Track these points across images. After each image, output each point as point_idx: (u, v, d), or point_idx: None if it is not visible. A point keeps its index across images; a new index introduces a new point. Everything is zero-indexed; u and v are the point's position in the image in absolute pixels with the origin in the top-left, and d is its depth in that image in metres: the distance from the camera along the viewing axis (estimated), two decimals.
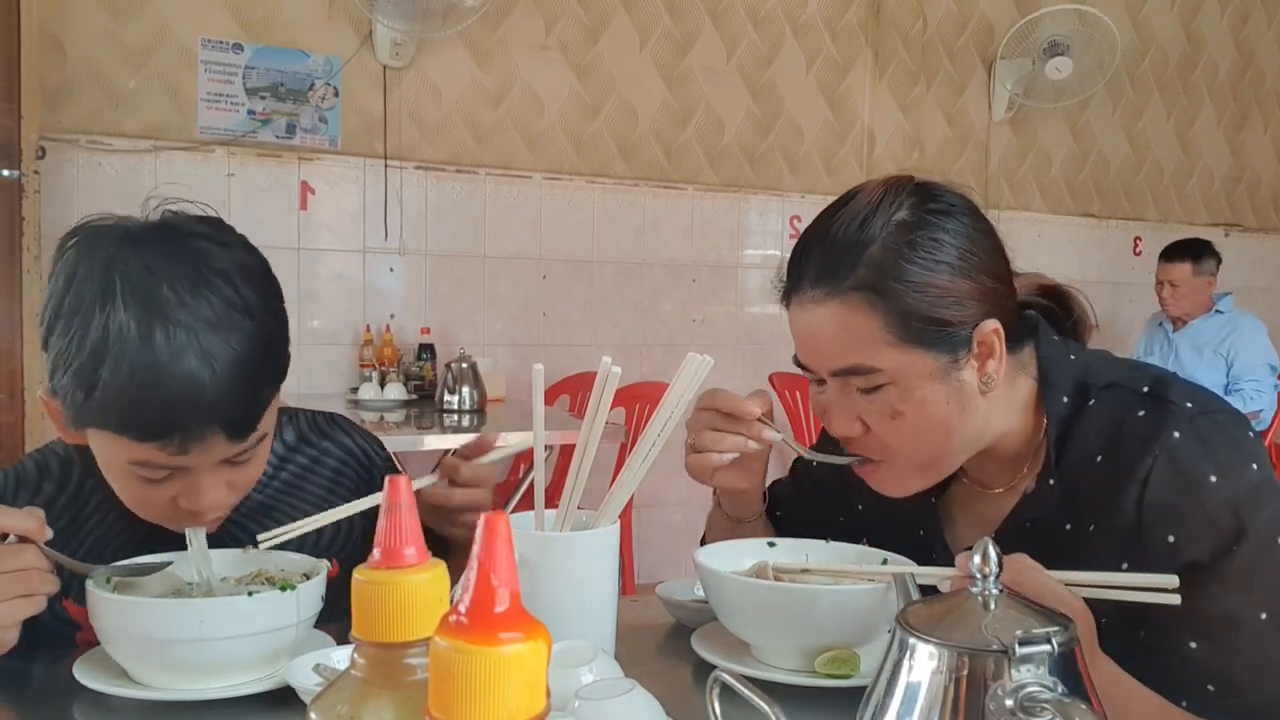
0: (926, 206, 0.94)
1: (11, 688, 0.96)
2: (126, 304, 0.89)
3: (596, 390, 0.95)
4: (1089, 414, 0.95)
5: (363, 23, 3.61)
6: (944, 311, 0.91)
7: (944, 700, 0.54)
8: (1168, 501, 0.88)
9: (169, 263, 0.92)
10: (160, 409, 0.89)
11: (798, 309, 0.97)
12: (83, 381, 0.89)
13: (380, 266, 3.73)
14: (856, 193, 0.97)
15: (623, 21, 4.04)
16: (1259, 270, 5.49)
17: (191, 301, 0.90)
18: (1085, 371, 0.98)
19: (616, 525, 0.96)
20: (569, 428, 2.77)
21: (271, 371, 0.97)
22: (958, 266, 0.92)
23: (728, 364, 4.20)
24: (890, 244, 0.91)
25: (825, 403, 0.99)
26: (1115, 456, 0.92)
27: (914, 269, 0.91)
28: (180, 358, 0.89)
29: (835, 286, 0.92)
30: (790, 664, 0.95)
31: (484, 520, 0.41)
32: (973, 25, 4.67)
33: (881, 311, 0.91)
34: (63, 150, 3.24)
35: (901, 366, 0.92)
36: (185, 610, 0.87)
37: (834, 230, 0.94)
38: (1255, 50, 5.43)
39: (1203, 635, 0.87)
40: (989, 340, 0.93)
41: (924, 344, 0.91)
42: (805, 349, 0.98)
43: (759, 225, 4.36)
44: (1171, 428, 0.90)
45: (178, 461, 0.93)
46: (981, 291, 0.93)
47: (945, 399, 0.93)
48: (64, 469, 1.08)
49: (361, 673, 0.47)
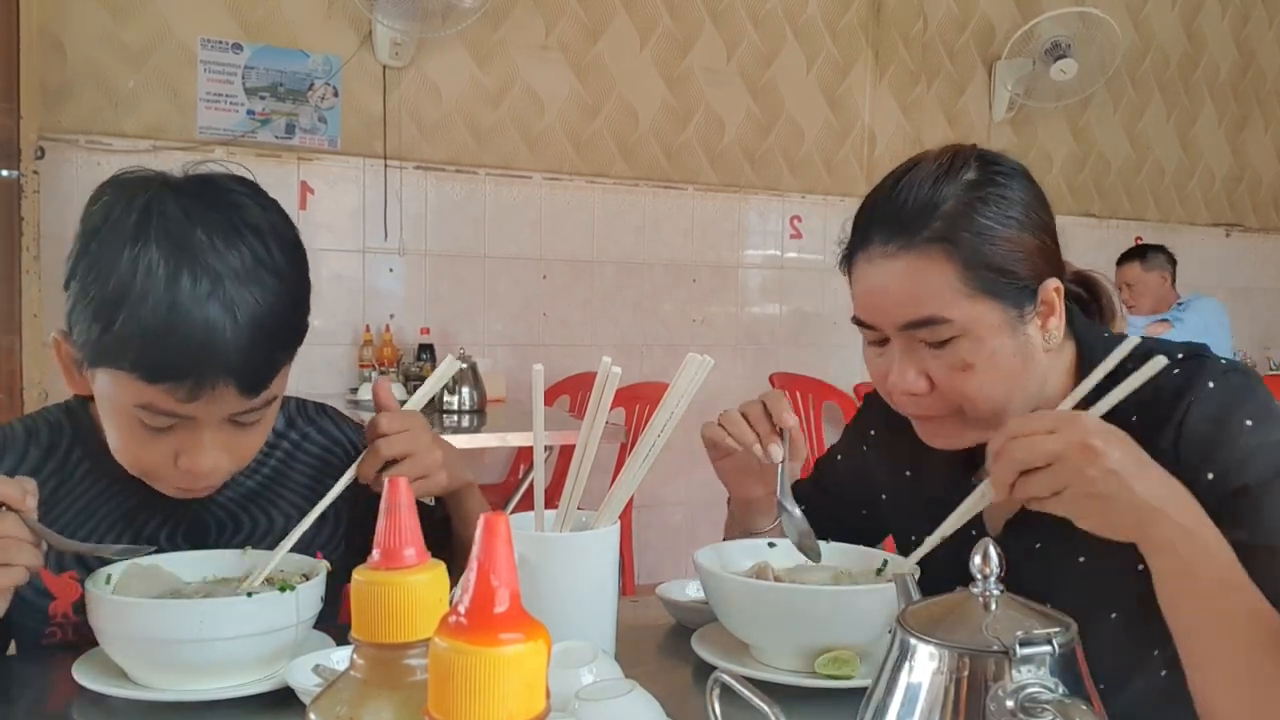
0: (991, 169, 0.97)
1: (11, 688, 0.96)
2: (159, 242, 0.89)
3: (596, 390, 0.95)
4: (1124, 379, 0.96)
5: (362, 22, 3.61)
6: (1014, 264, 0.94)
7: (944, 701, 0.54)
8: (1205, 438, 0.90)
9: (206, 210, 0.92)
10: (177, 350, 0.88)
11: (866, 265, 0.98)
12: (103, 316, 0.89)
13: (380, 266, 3.73)
14: (921, 158, 0.99)
15: (623, 21, 4.04)
16: (1260, 270, 5.49)
17: (224, 250, 0.90)
18: (1119, 344, 1.00)
19: (616, 526, 0.96)
20: (569, 428, 2.77)
21: (290, 334, 0.97)
22: (1024, 222, 0.96)
23: (728, 364, 4.20)
24: (963, 199, 0.94)
25: (884, 365, 0.99)
26: (1149, 410, 0.93)
27: (986, 221, 0.94)
28: (204, 303, 0.88)
29: (910, 240, 0.94)
30: (790, 665, 0.95)
31: (484, 520, 0.41)
32: (973, 25, 4.67)
33: (957, 262, 0.93)
34: (62, 150, 3.24)
35: (973, 318, 0.93)
36: (185, 611, 0.87)
37: (904, 190, 0.96)
38: (1256, 50, 5.43)
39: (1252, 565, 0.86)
40: (1051, 298, 0.97)
41: (995, 295, 0.94)
42: (872, 306, 0.98)
43: (759, 225, 4.36)
44: (1206, 379, 0.92)
45: (185, 409, 0.91)
46: (1044, 250, 0.97)
47: (1012, 352, 0.95)
48: (53, 436, 1.06)
49: (361, 673, 0.47)
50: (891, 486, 1.18)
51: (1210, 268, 5.29)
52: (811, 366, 4.36)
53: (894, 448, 1.17)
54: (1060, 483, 0.81)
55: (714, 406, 1.11)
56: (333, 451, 1.18)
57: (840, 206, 4.49)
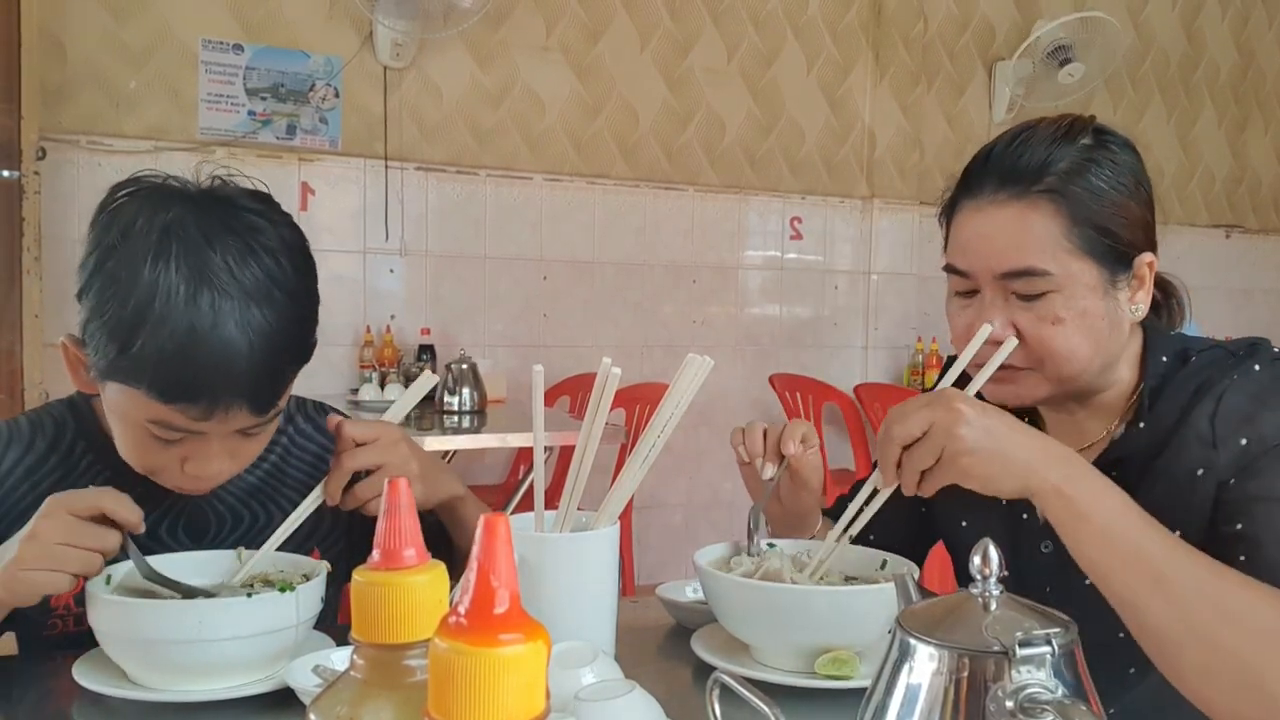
0: (1106, 138, 1.00)
1: (11, 689, 0.96)
2: (178, 267, 0.90)
3: (596, 391, 0.95)
4: (1187, 372, 0.99)
5: (363, 23, 3.61)
6: (1117, 228, 0.97)
7: (944, 702, 0.54)
8: (1242, 411, 0.93)
9: (223, 232, 0.94)
10: (194, 374, 0.90)
11: (973, 212, 1.00)
12: (120, 335, 0.90)
13: (380, 267, 3.73)
14: (1039, 122, 1.01)
15: (623, 22, 4.04)
16: (1260, 271, 5.49)
17: (239, 272, 0.92)
18: (1187, 340, 1.04)
19: (616, 526, 0.96)
20: (569, 429, 2.77)
21: (300, 350, 0.99)
22: (1133, 191, 0.98)
23: (728, 365, 4.20)
24: (1077, 159, 0.97)
25: (970, 316, 1.01)
26: (1199, 393, 0.96)
27: (1099, 183, 0.96)
28: (221, 327, 0.90)
29: (1023, 190, 0.96)
30: (790, 665, 0.95)
31: (484, 521, 0.41)
32: (973, 26, 4.67)
33: (1064, 217, 0.95)
34: (63, 151, 3.24)
35: (1071, 274, 0.95)
36: (185, 611, 0.87)
37: (1021, 145, 0.98)
38: (1256, 51, 5.43)
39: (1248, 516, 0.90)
40: (1143, 272, 0.99)
41: (1094, 255, 0.96)
42: (973, 251, 1.00)
43: (759, 226, 4.36)
44: (1254, 362, 0.97)
45: (197, 427, 0.94)
46: (1145, 223, 1.00)
47: (1101, 314, 0.97)
48: (58, 429, 1.09)
49: (361, 674, 0.47)
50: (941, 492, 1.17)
51: (1210, 269, 5.29)
52: (811, 367, 4.36)
53: None
54: (937, 446, 0.87)
55: (714, 407, 1.12)
56: (329, 449, 1.17)
57: (841, 207, 4.50)
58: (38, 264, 2.99)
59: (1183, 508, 0.93)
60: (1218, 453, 0.92)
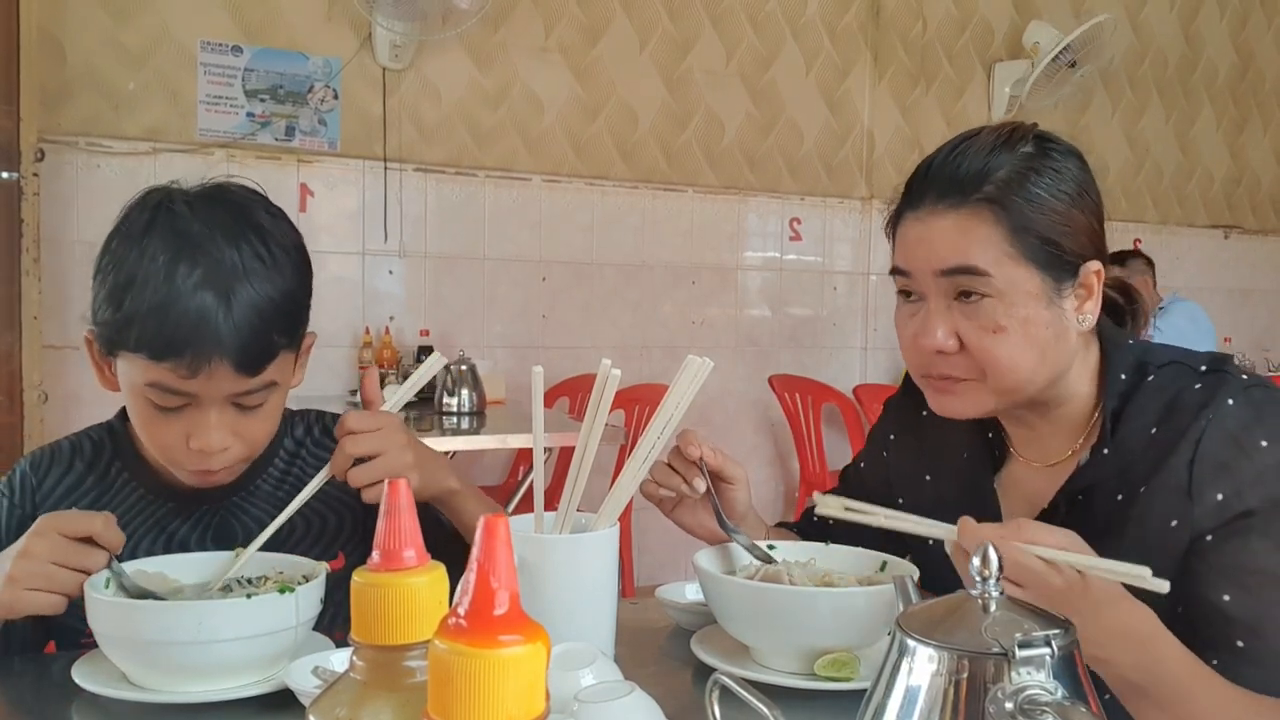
0: (1048, 146, 0.99)
1: (11, 691, 0.97)
2: (164, 235, 0.98)
3: (596, 392, 0.95)
4: (1147, 389, 0.98)
5: (362, 25, 3.61)
6: (1059, 237, 0.96)
7: (944, 703, 0.54)
8: (1219, 460, 0.91)
9: (210, 206, 1.02)
10: (174, 328, 0.96)
11: (914, 222, 1.00)
12: (114, 300, 0.98)
13: (380, 268, 3.73)
14: (980, 130, 1.01)
15: (622, 23, 4.04)
16: (1259, 272, 5.49)
17: (224, 243, 0.99)
18: (1145, 352, 1.02)
19: (616, 527, 0.96)
20: (568, 430, 2.77)
21: (285, 320, 1.03)
22: (1076, 199, 0.97)
23: (727, 366, 4.20)
24: (1017, 168, 0.96)
25: (916, 324, 1.00)
26: (1169, 424, 0.94)
27: (1038, 191, 0.96)
28: (201, 285, 0.96)
29: (962, 200, 0.96)
30: (790, 667, 0.95)
31: (483, 522, 0.41)
32: (972, 27, 4.68)
33: (1005, 224, 0.95)
34: (62, 152, 3.24)
35: (1012, 280, 0.95)
36: (184, 612, 0.87)
37: (960, 156, 0.98)
38: (1255, 52, 5.43)
39: (1239, 587, 0.89)
40: (1090, 281, 0.98)
41: (1036, 264, 0.95)
42: (915, 252, 0.99)
43: (759, 227, 4.36)
44: (1226, 395, 0.93)
45: (188, 385, 0.98)
46: (1091, 231, 0.99)
47: (1046, 324, 0.96)
48: (95, 451, 1.15)
49: (360, 675, 0.47)
50: (910, 488, 1.18)
51: (1209, 269, 5.30)
52: (811, 368, 4.36)
53: (913, 451, 1.18)
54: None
55: (714, 408, 1.12)
56: None
57: (840, 208, 4.50)
58: (36, 265, 2.99)
59: (1156, 555, 0.90)
60: (1193, 504, 0.91)
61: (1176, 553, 0.91)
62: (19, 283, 2.95)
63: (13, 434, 2.91)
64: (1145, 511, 0.94)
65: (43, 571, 0.91)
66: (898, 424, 1.23)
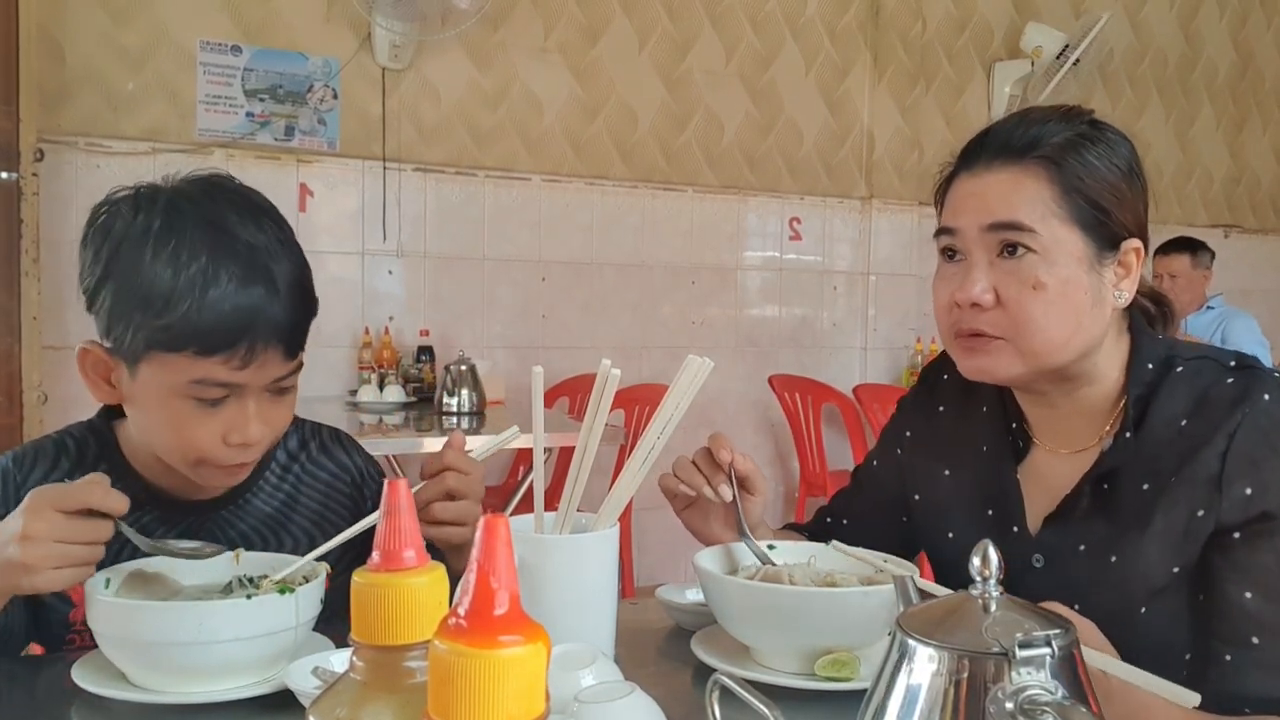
0: (1103, 127, 1.01)
1: (10, 691, 0.96)
2: (189, 231, 0.96)
3: (596, 392, 0.95)
4: (1175, 379, 0.99)
5: (361, 25, 3.61)
6: (1109, 205, 0.97)
7: (944, 703, 0.54)
8: (1251, 455, 0.91)
9: (216, 197, 1.01)
10: (234, 321, 0.95)
11: (968, 179, 1.01)
12: (156, 307, 0.95)
13: (379, 268, 3.73)
14: (1039, 107, 1.03)
15: (622, 24, 4.04)
16: (1258, 271, 5.49)
17: (253, 228, 0.99)
18: (1172, 347, 1.03)
19: (616, 528, 0.96)
20: (568, 430, 2.77)
21: (314, 300, 1.04)
22: (1126, 173, 0.99)
23: (727, 366, 4.20)
24: (1073, 135, 0.98)
25: (953, 282, 1.00)
26: (1202, 416, 0.95)
27: (1091, 159, 0.98)
28: (246, 275, 0.96)
29: (1018, 159, 0.98)
30: (790, 667, 0.95)
31: (483, 522, 0.41)
32: (972, 27, 4.68)
33: (1057, 184, 0.96)
34: (61, 153, 3.24)
35: (1057, 239, 0.96)
36: (184, 613, 0.87)
37: (1019, 123, 1.00)
38: (1254, 51, 5.44)
39: (1260, 587, 0.90)
40: (1130, 260, 0.99)
41: (1083, 226, 0.96)
42: (963, 208, 1.00)
43: (758, 227, 4.36)
44: (1263, 390, 0.94)
45: (238, 377, 0.98)
46: (1136, 210, 1.00)
47: (1085, 288, 0.97)
48: (80, 450, 1.12)
49: (360, 676, 0.47)
50: (927, 484, 1.17)
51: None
52: (811, 368, 4.36)
53: (930, 447, 1.18)
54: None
55: (714, 408, 1.12)
56: (340, 478, 1.21)
57: (840, 208, 4.50)
58: (36, 266, 2.99)
59: (1183, 544, 0.93)
60: (1221, 496, 0.92)
61: (1197, 539, 0.93)
62: (18, 283, 2.95)
63: (12, 435, 2.91)
64: (1173, 502, 0.94)
65: (56, 551, 0.87)
66: (913, 421, 1.23)
